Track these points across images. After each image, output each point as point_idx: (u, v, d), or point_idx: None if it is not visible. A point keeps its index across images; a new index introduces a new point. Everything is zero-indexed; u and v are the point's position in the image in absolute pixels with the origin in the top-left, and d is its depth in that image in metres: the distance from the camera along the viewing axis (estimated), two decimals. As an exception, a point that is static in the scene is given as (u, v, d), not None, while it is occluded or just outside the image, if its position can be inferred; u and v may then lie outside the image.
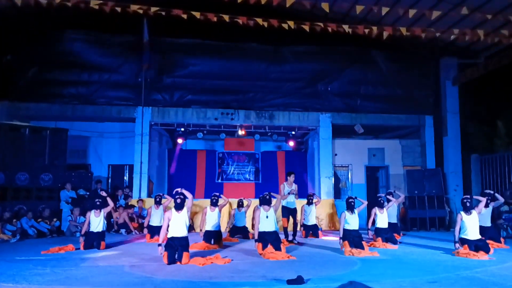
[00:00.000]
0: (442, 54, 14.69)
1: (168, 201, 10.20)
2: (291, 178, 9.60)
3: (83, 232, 8.77)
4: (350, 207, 8.49)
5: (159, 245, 6.94)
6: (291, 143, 16.13)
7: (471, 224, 7.98)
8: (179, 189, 7.43)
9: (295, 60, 14.19)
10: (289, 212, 9.61)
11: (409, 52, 14.71)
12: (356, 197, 9.01)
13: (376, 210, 9.64)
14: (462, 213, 8.08)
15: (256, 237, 7.97)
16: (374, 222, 9.66)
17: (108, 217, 10.84)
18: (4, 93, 12.97)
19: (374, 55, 14.49)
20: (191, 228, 11.11)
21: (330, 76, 14.41)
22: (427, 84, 14.89)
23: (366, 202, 9.48)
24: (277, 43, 13.83)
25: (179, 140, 15.25)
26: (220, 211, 9.52)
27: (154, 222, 10.15)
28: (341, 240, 8.35)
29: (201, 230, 9.37)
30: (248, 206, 11.00)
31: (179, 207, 7.05)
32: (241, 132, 14.48)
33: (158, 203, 10.34)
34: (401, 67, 14.69)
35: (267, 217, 8.03)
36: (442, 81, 14.75)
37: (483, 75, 13.37)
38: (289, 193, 9.43)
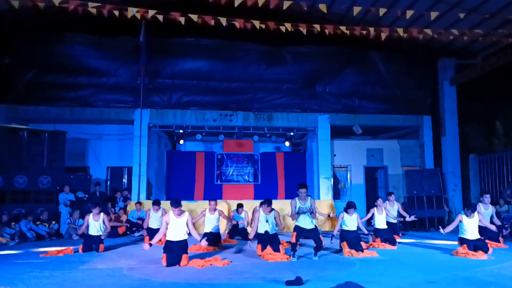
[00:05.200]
0: (440, 55, 14.73)
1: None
2: (303, 192, 7.50)
3: (79, 232, 8.81)
4: (349, 208, 8.50)
5: (150, 245, 6.99)
6: (290, 144, 16.10)
7: (471, 225, 7.98)
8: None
9: (293, 61, 14.20)
10: (303, 232, 7.51)
11: (407, 52, 14.75)
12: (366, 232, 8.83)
13: (374, 210, 9.64)
14: (463, 215, 8.08)
15: (251, 236, 7.98)
16: (371, 223, 9.68)
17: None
18: (2, 96, 12.98)
19: (372, 56, 14.52)
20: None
21: (328, 77, 14.43)
22: (425, 84, 14.93)
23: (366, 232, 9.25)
24: (275, 44, 13.84)
25: (181, 141, 15.17)
26: (219, 215, 9.51)
27: (153, 224, 10.10)
28: (334, 238, 8.41)
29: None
30: (248, 220, 10.93)
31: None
32: None
33: (157, 204, 10.30)
34: (399, 68, 14.71)
35: (266, 220, 8.03)
36: (440, 81, 14.81)
37: (480, 75, 13.41)
38: (298, 212, 7.45)
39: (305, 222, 7.47)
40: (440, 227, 8.37)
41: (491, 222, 9.23)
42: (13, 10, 12.04)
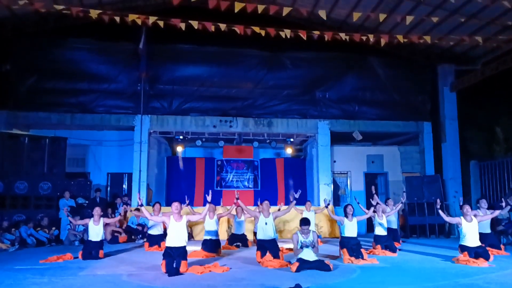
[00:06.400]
0: (440, 61, 14.74)
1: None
2: (305, 228, 7.28)
3: (75, 222, 8.93)
4: (347, 215, 8.49)
5: (141, 205, 7.55)
6: (290, 150, 16.07)
7: (471, 231, 7.95)
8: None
9: (293, 66, 14.24)
10: (305, 264, 7.04)
11: (406, 58, 14.77)
12: (359, 203, 9.02)
13: (375, 215, 9.59)
14: (463, 219, 8.06)
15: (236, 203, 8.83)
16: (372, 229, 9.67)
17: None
18: (3, 102, 13.01)
19: (372, 62, 14.54)
20: (190, 236, 11.10)
21: (328, 83, 14.45)
22: (425, 90, 14.93)
23: (367, 215, 9.34)
24: (275, 49, 13.89)
25: (179, 148, 15.20)
26: (218, 219, 9.50)
27: (153, 231, 10.09)
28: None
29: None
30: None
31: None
32: None
33: (158, 204, 10.29)
34: (398, 74, 14.72)
35: (266, 223, 8.02)
36: (440, 87, 14.79)
37: (480, 81, 13.41)
38: (302, 247, 7.20)
39: (309, 255, 7.11)
40: (438, 200, 8.56)
41: (492, 221, 9.22)
42: (15, 16, 12.19)
